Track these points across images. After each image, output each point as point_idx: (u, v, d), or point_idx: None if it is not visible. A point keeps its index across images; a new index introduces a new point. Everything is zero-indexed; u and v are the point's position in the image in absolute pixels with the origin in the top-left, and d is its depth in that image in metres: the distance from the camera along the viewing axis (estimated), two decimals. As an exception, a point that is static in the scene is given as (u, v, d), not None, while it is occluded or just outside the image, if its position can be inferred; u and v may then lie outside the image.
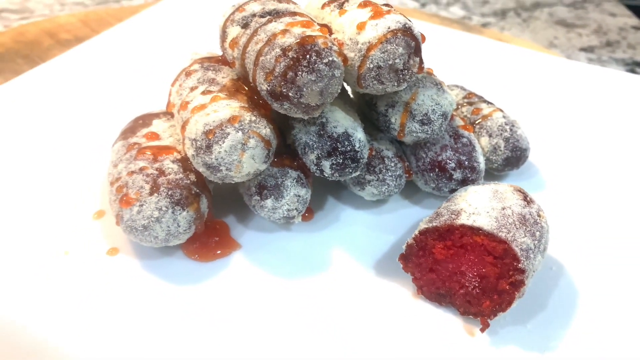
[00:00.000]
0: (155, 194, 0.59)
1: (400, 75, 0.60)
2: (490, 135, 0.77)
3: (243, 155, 0.59)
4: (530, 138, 0.85)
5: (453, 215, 0.60)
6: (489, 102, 0.82)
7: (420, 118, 0.66)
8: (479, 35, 1.24)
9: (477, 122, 0.79)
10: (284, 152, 0.67)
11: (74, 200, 0.70)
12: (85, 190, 0.72)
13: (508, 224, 0.58)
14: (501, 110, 0.80)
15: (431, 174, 0.71)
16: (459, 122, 0.74)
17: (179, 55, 0.77)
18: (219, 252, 0.65)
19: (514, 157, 0.76)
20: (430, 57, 1.02)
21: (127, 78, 0.94)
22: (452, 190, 0.71)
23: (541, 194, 0.78)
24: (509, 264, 0.57)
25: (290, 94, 0.57)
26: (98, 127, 0.81)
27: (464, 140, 0.71)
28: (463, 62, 1.05)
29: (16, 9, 1.39)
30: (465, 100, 0.83)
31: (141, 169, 0.61)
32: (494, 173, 0.80)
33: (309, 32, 0.57)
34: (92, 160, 0.75)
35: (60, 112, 0.86)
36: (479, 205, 0.60)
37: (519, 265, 0.56)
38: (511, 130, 0.77)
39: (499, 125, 0.77)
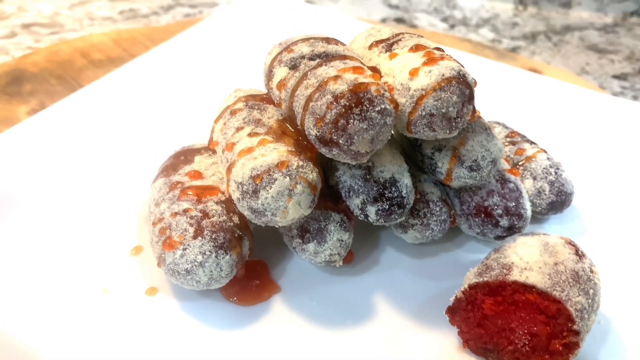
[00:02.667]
0: (199, 238, 0.58)
1: (453, 123, 0.58)
2: (534, 178, 0.75)
3: (290, 201, 0.57)
4: (572, 179, 0.83)
5: (504, 270, 0.58)
6: (532, 142, 0.80)
7: (469, 164, 0.64)
8: (512, 62, 1.22)
9: (520, 163, 0.77)
10: (327, 192, 0.65)
11: (112, 236, 0.69)
12: (123, 225, 0.70)
13: (561, 281, 0.56)
14: (545, 152, 0.78)
15: (476, 219, 0.69)
16: (505, 164, 0.72)
17: (217, 82, 0.76)
18: (258, 296, 0.64)
19: (558, 201, 0.74)
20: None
21: (165, 105, 0.92)
22: (498, 237, 0.69)
23: (583, 239, 0.75)
24: (563, 324, 0.55)
25: (340, 141, 0.55)
26: (135, 158, 0.80)
27: (511, 185, 0.69)
28: (498, 95, 1.03)
29: (46, 23, 1.39)
30: (508, 139, 0.81)
31: (185, 211, 0.59)
32: (537, 216, 0.77)
33: (361, 78, 0.56)
34: (129, 193, 0.74)
35: (96, 142, 0.84)
36: (530, 260, 0.58)
37: (574, 326, 0.55)
38: (556, 173, 0.75)
39: (544, 168, 0.75)
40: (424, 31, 1.46)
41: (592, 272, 0.60)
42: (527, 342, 0.57)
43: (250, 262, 0.66)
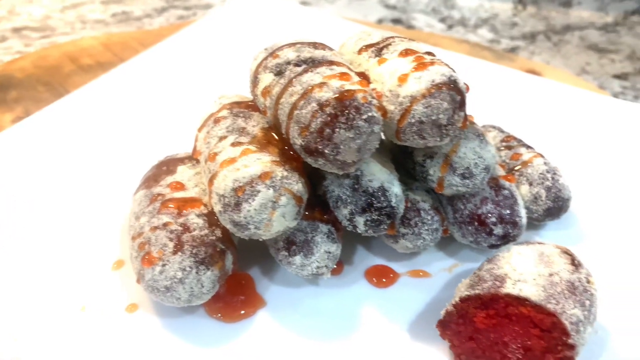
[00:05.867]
0: (179, 253, 0.56)
1: (444, 131, 0.56)
2: (530, 184, 0.72)
3: (274, 214, 0.55)
4: (569, 183, 0.80)
5: (497, 282, 0.56)
6: (528, 147, 0.78)
7: (462, 172, 0.62)
8: (510, 63, 1.19)
9: (516, 168, 0.74)
10: (314, 202, 0.63)
11: (92, 249, 0.67)
12: (104, 239, 0.68)
13: (556, 293, 0.54)
14: (542, 156, 0.76)
15: (469, 228, 0.67)
16: (500, 170, 0.69)
17: (208, 86, 0.74)
18: (243, 312, 0.61)
19: (555, 207, 0.72)
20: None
21: (153, 111, 0.90)
22: (492, 245, 0.67)
23: (581, 246, 0.73)
24: (558, 338, 0.53)
25: (326, 151, 0.53)
26: (119, 167, 0.78)
27: (506, 192, 0.67)
28: (495, 97, 1.01)
29: (37, 27, 1.37)
30: (504, 144, 0.78)
31: (165, 225, 0.57)
32: (533, 223, 0.75)
33: (347, 85, 0.53)
34: (112, 204, 0.72)
35: (79, 150, 0.82)
36: (524, 271, 0.56)
37: (569, 340, 0.52)
38: (553, 178, 0.72)
39: (540, 173, 0.73)
40: (422, 32, 1.44)
41: (588, 282, 0.58)
42: (520, 357, 0.55)
43: (235, 276, 0.64)
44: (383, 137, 0.69)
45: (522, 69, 1.16)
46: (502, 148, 0.78)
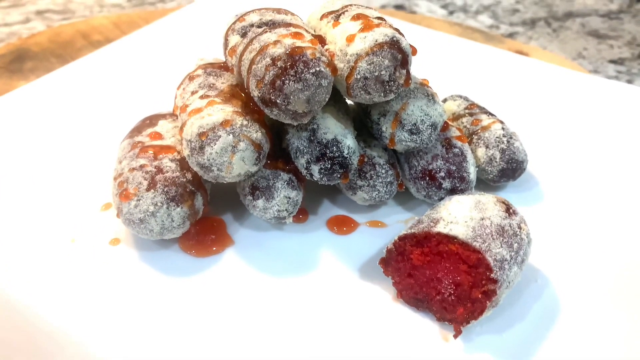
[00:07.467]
0: (152, 190, 0.63)
1: (387, 87, 0.63)
2: (487, 147, 0.78)
3: (233, 157, 0.62)
4: (537, 152, 0.85)
5: (432, 223, 0.62)
6: (490, 114, 0.83)
7: (409, 127, 0.68)
8: (499, 44, 1.24)
9: (475, 132, 0.80)
10: (280, 155, 0.70)
11: (86, 192, 0.76)
12: (97, 183, 0.77)
13: (485, 234, 0.60)
14: (501, 122, 0.81)
15: (422, 182, 0.73)
16: (455, 132, 0.75)
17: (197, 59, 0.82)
18: (214, 249, 0.69)
19: (509, 168, 0.77)
20: (444, 68, 1.04)
21: (149, 79, 0.99)
22: (441, 198, 0.73)
23: (536, 207, 0.78)
24: (482, 273, 0.59)
25: (278, 101, 0.60)
26: (116, 125, 0.87)
27: (456, 150, 0.73)
28: (477, 74, 1.06)
29: (58, 10, 1.48)
30: (467, 110, 0.84)
31: (141, 166, 0.65)
32: (490, 184, 0.81)
33: (298, 43, 0.60)
34: (107, 155, 0.81)
35: (82, 109, 0.92)
36: (458, 215, 0.62)
37: (492, 275, 0.58)
38: (508, 142, 0.78)
39: (497, 137, 0.78)
40: (418, 16, 1.49)
41: (520, 228, 0.63)
42: (452, 292, 0.61)
43: (208, 219, 0.71)
44: (349, 102, 0.76)
45: (511, 51, 1.20)
46: (465, 114, 0.83)
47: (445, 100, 0.87)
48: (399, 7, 1.64)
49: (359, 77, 0.62)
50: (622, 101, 1.00)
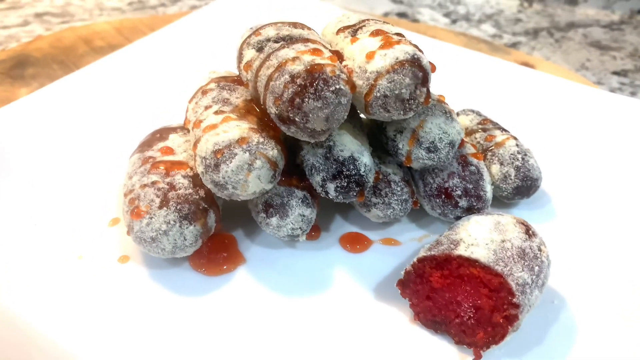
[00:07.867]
0: (165, 208, 0.62)
1: (407, 105, 0.61)
2: (501, 164, 0.77)
3: (249, 175, 0.61)
4: (547, 167, 0.84)
5: (452, 245, 0.61)
6: (503, 130, 0.82)
7: (427, 145, 0.67)
8: (505, 56, 1.23)
9: (489, 149, 0.79)
10: (294, 172, 0.69)
11: (93, 207, 0.74)
12: (104, 198, 0.75)
13: (506, 257, 0.59)
14: (515, 139, 0.80)
15: (437, 200, 0.72)
16: (470, 149, 0.74)
17: (205, 68, 0.80)
18: (225, 267, 0.67)
19: (524, 186, 0.76)
20: (451, 80, 1.03)
21: (155, 89, 0.97)
22: (458, 217, 0.72)
23: (550, 225, 0.77)
24: (504, 297, 0.57)
25: (297, 119, 0.59)
26: (122, 136, 0.85)
27: (472, 168, 0.71)
28: (484, 86, 1.05)
29: (57, 13, 1.45)
30: (480, 126, 0.83)
31: (153, 183, 0.63)
32: (504, 201, 0.80)
33: (318, 60, 0.59)
34: (114, 168, 0.79)
35: (87, 120, 0.89)
36: (478, 237, 0.61)
37: (514, 299, 0.57)
38: (523, 159, 0.77)
39: (511, 154, 0.77)
40: (422, 25, 1.48)
41: (540, 250, 0.62)
42: (472, 315, 0.60)
43: (219, 235, 0.70)
44: (363, 116, 0.75)
45: (517, 62, 1.20)
46: (479, 130, 0.82)
47: (457, 115, 0.86)
48: (402, 15, 1.63)
49: (378, 94, 0.61)
50: (632, 116, 0.99)
